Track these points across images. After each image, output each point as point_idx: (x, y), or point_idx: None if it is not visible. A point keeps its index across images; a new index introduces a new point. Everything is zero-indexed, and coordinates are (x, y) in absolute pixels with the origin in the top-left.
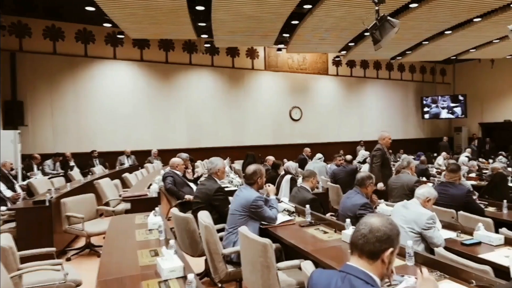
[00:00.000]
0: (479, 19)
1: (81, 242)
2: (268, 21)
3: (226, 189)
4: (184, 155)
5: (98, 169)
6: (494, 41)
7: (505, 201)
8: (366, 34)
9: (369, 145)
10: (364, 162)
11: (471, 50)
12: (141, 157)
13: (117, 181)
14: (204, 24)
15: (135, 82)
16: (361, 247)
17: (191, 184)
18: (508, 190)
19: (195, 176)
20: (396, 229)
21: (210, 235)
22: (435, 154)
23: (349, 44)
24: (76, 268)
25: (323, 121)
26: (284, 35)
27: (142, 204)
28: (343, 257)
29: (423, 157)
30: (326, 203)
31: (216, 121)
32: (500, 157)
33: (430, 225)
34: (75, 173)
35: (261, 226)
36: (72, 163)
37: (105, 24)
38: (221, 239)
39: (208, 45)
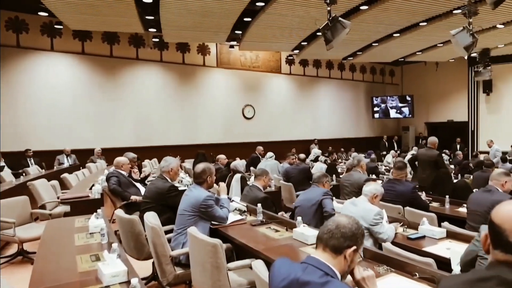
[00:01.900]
0: (425, 23)
1: (13, 249)
2: (219, 17)
3: None
4: (131, 154)
5: (33, 170)
6: (438, 45)
7: (447, 196)
8: (318, 34)
9: (323, 143)
10: (316, 160)
11: (417, 53)
12: (83, 157)
13: (55, 182)
14: (152, 18)
15: (76, 76)
16: (326, 241)
17: (138, 185)
18: (450, 186)
19: (142, 176)
20: (361, 230)
21: (157, 237)
22: (385, 152)
23: (302, 43)
24: (7, 278)
25: (276, 120)
26: (237, 32)
27: (83, 206)
28: (295, 255)
29: (373, 156)
30: (279, 202)
31: (165, 119)
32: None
33: (377, 221)
34: (6, 173)
35: (211, 226)
36: (2, 163)
37: (40, 13)
38: (169, 240)
39: (157, 40)
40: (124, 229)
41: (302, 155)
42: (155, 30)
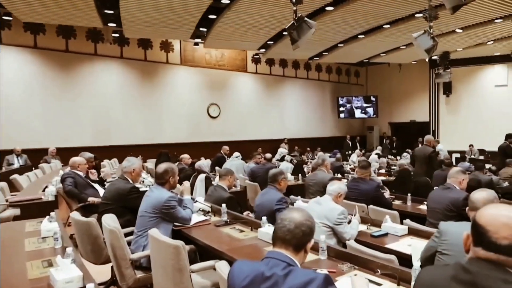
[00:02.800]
0: (388, 26)
1: None
2: (183, 13)
3: None
4: (88, 154)
5: None
6: (401, 47)
7: (409, 194)
8: (284, 33)
9: (290, 143)
10: (282, 159)
11: (381, 54)
12: (36, 157)
13: (3, 184)
14: (111, 12)
15: (28, 72)
16: (288, 241)
17: (96, 186)
18: (412, 184)
19: (101, 176)
20: (314, 221)
21: (116, 240)
22: (350, 152)
23: (268, 42)
24: None
25: (242, 119)
26: (201, 29)
27: (35, 209)
28: (259, 255)
29: (338, 155)
30: (244, 202)
31: (126, 117)
32: (405, 154)
33: (341, 220)
34: None
35: (174, 228)
36: None
37: None
38: (129, 243)
39: (117, 35)
40: (81, 232)
41: (268, 155)
42: (115, 25)
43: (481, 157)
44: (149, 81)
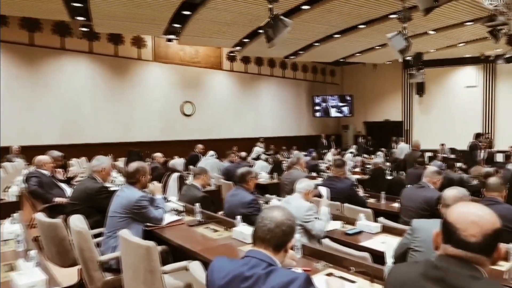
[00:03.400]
0: (364, 26)
1: None
2: (156, 8)
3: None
4: (55, 153)
5: None
6: (376, 47)
7: (383, 192)
8: (260, 31)
9: (267, 141)
10: (258, 158)
11: (356, 54)
12: None
13: None
14: (79, 5)
15: None
16: (268, 241)
17: (63, 185)
18: (386, 183)
19: (69, 176)
20: (295, 219)
21: (84, 241)
22: (325, 151)
23: (244, 40)
24: None
25: (217, 117)
26: (175, 25)
27: None
28: (234, 255)
29: (314, 154)
30: (219, 201)
31: (96, 114)
32: (379, 152)
33: (309, 217)
34: None
35: (145, 228)
36: None
37: None
38: (98, 245)
39: (86, 29)
40: (46, 234)
41: (243, 153)
42: (84, 18)
43: (452, 156)
44: (120, 78)
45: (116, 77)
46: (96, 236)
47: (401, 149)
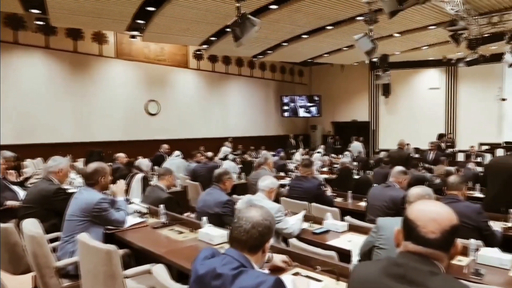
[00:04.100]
0: (331, 27)
1: None
2: (118, 3)
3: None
4: (8, 153)
5: None
6: (343, 48)
7: (349, 191)
8: (228, 30)
9: (235, 141)
10: (225, 158)
11: (324, 55)
12: None
13: None
14: None
15: None
16: (244, 243)
17: (15, 188)
18: (353, 182)
19: (22, 177)
20: (274, 219)
21: (39, 247)
22: (294, 150)
23: (211, 38)
24: None
25: (183, 116)
26: (139, 21)
27: None
28: None
29: (282, 154)
30: (185, 202)
31: (53, 113)
32: (346, 152)
33: (279, 218)
34: None
35: (106, 232)
36: None
37: None
38: (55, 250)
39: (42, 23)
40: None
41: (209, 153)
42: (39, 11)
43: (417, 155)
44: (79, 75)
45: (76, 74)
46: (52, 241)
47: (354, 147)
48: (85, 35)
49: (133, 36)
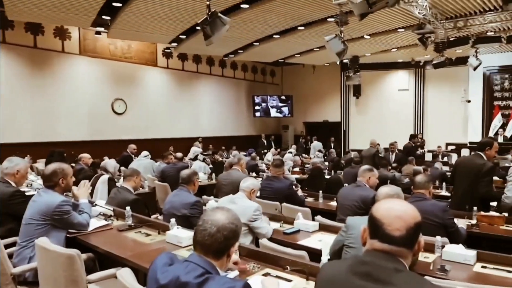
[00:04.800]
0: (303, 28)
1: None
2: None
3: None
4: None
5: None
6: (315, 49)
7: (320, 191)
8: (198, 28)
9: (206, 141)
10: (195, 159)
11: (296, 55)
12: None
13: None
14: None
15: None
16: (208, 247)
17: None
18: (324, 182)
19: None
20: (241, 223)
21: None
22: (265, 151)
23: (181, 36)
24: None
25: (152, 116)
26: (104, 17)
27: None
28: None
29: (253, 154)
30: (153, 204)
31: (11, 111)
32: (317, 152)
33: (257, 216)
34: None
35: (68, 235)
36: None
37: None
38: (11, 256)
39: None
40: None
41: (179, 154)
42: None
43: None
44: (40, 71)
45: (36, 71)
46: (8, 246)
47: (314, 147)
48: (45, 30)
49: (98, 32)
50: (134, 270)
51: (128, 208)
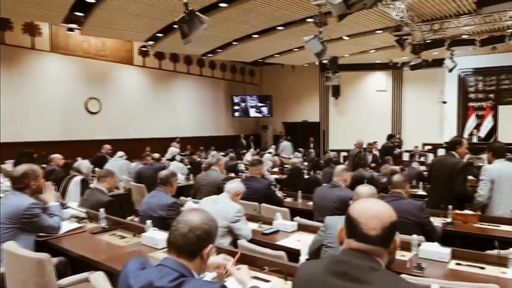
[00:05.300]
0: (282, 28)
1: None
2: None
3: None
4: None
5: None
6: (294, 49)
7: (299, 191)
8: (175, 26)
9: (184, 141)
10: (173, 159)
11: (275, 55)
12: None
13: None
14: None
15: None
16: (181, 247)
17: None
18: (303, 182)
19: None
20: (215, 224)
21: None
22: (244, 151)
23: (158, 34)
24: None
25: (128, 115)
26: (77, 13)
27: None
28: None
29: (232, 154)
30: (129, 205)
31: None
32: (296, 153)
33: (238, 217)
34: None
35: (38, 239)
36: None
37: None
38: None
39: None
40: None
41: (156, 154)
42: None
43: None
44: (7, 69)
45: (4, 68)
46: None
47: (283, 147)
48: (14, 25)
49: (71, 29)
50: (108, 274)
51: (102, 210)
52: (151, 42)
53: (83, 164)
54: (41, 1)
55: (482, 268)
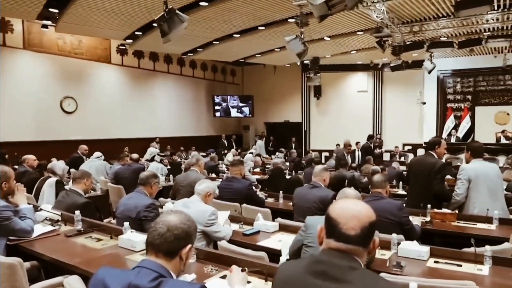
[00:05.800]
0: (263, 28)
1: None
2: None
3: None
4: None
5: None
6: (275, 49)
7: (281, 192)
8: (155, 24)
9: (164, 142)
10: (152, 160)
11: (257, 55)
12: None
13: None
14: None
15: None
16: (158, 247)
17: None
18: (284, 182)
19: None
20: (194, 225)
21: None
22: (226, 151)
23: (136, 33)
24: None
25: (105, 115)
26: (51, 10)
27: None
28: (120, 265)
29: (213, 154)
30: (106, 207)
31: None
32: (277, 153)
33: (212, 221)
34: None
35: (9, 243)
36: None
37: None
38: None
39: None
40: None
41: (134, 155)
42: None
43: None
44: None
45: None
46: None
47: (259, 146)
48: None
49: (45, 26)
50: (84, 278)
51: (77, 212)
52: (129, 41)
53: (58, 165)
54: None
55: (459, 265)
